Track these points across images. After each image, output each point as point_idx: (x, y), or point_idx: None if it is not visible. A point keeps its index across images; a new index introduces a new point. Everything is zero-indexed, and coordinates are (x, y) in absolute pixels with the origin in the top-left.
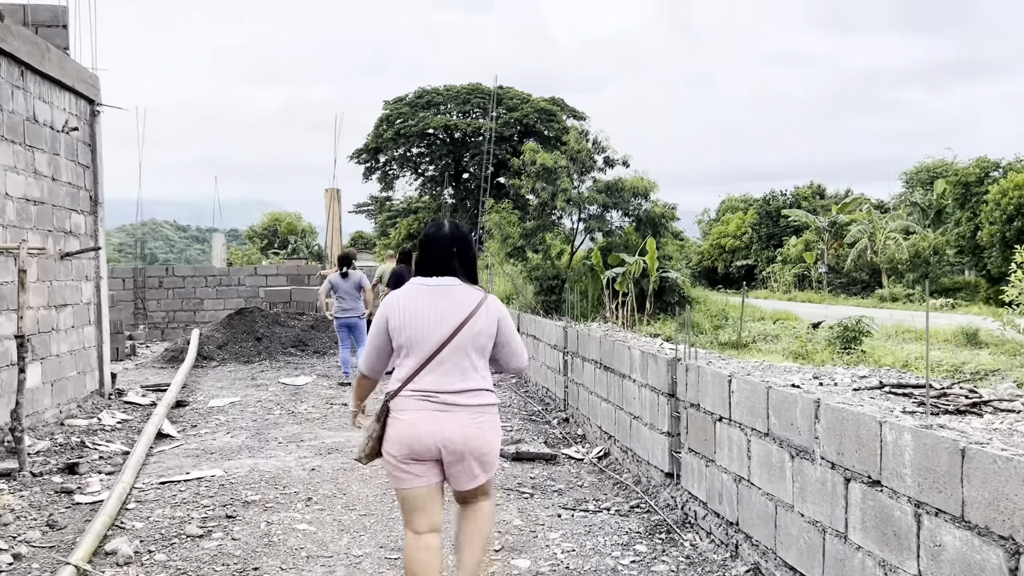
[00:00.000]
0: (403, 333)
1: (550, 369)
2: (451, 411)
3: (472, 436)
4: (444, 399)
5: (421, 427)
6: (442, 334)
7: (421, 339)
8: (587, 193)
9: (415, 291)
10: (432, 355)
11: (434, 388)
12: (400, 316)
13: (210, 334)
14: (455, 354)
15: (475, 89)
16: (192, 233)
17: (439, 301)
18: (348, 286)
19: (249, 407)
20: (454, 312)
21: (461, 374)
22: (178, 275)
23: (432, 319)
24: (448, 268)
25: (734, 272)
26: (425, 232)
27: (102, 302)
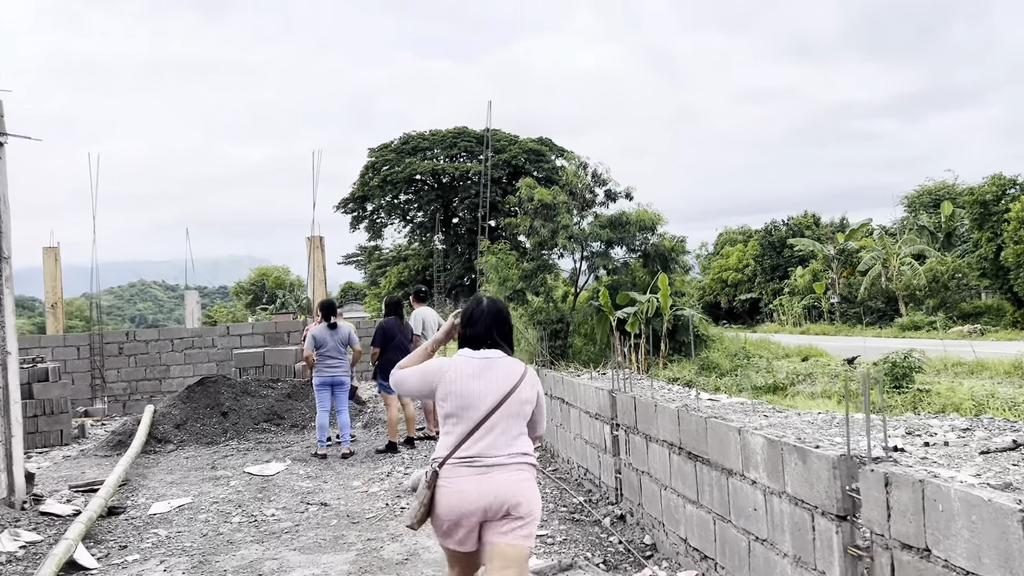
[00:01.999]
0: (451, 401)
1: (590, 445)
2: (494, 470)
3: (517, 491)
4: (488, 462)
5: (469, 492)
6: (491, 402)
7: (470, 407)
8: (589, 229)
9: (464, 362)
10: (481, 422)
11: (482, 453)
12: (449, 386)
13: (166, 410)
14: (503, 421)
15: (461, 132)
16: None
17: (486, 372)
18: (335, 341)
19: (201, 513)
20: (502, 382)
21: (508, 440)
22: (140, 339)
23: (481, 388)
24: (491, 341)
25: (738, 306)
26: (467, 308)
27: (9, 384)
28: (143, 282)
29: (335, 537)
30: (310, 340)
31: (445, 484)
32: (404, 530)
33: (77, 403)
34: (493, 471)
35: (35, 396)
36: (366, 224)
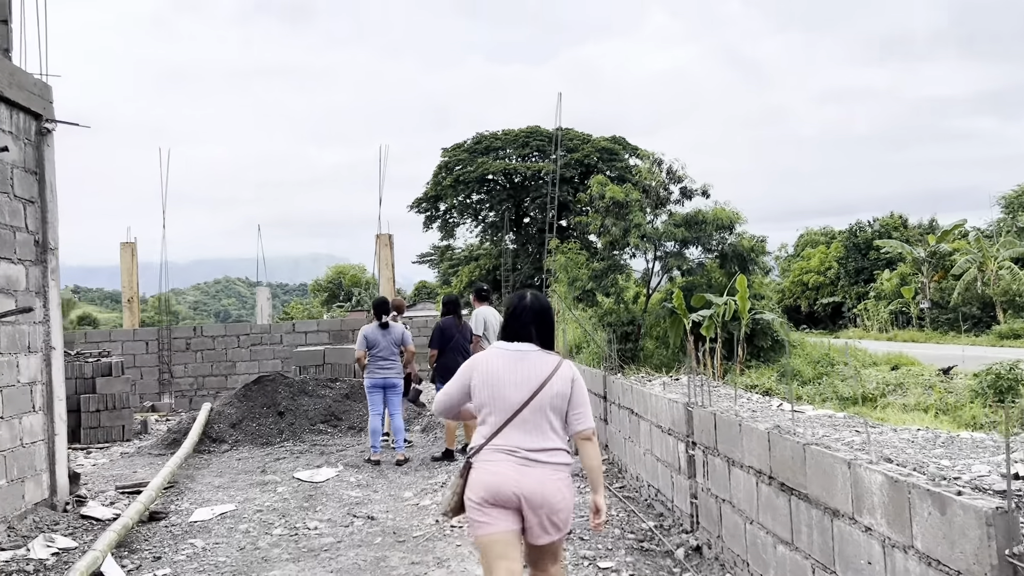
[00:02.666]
0: (484, 392)
1: (662, 463)
2: (532, 466)
3: (550, 492)
4: (525, 455)
5: (503, 476)
6: (523, 395)
7: (502, 399)
8: (663, 227)
9: (497, 354)
10: (514, 414)
11: (518, 445)
12: (482, 376)
13: (222, 409)
14: (535, 415)
15: (534, 131)
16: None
17: (518, 364)
18: (387, 342)
19: (243, 522)
20: (533, 375)
21: (541, 433)
22: (207, 335)
23: (512, 380)
24: (527, 335)
25: (819, 311)
26: (509, 302)
27: (53, 381)
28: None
29: (376, 559)
30: (361, 340)
31: (483, 466)
32: (452, 553)
33: (145, 398)
34: (531, 467)
35: (98, 391)
36: (439, 224)
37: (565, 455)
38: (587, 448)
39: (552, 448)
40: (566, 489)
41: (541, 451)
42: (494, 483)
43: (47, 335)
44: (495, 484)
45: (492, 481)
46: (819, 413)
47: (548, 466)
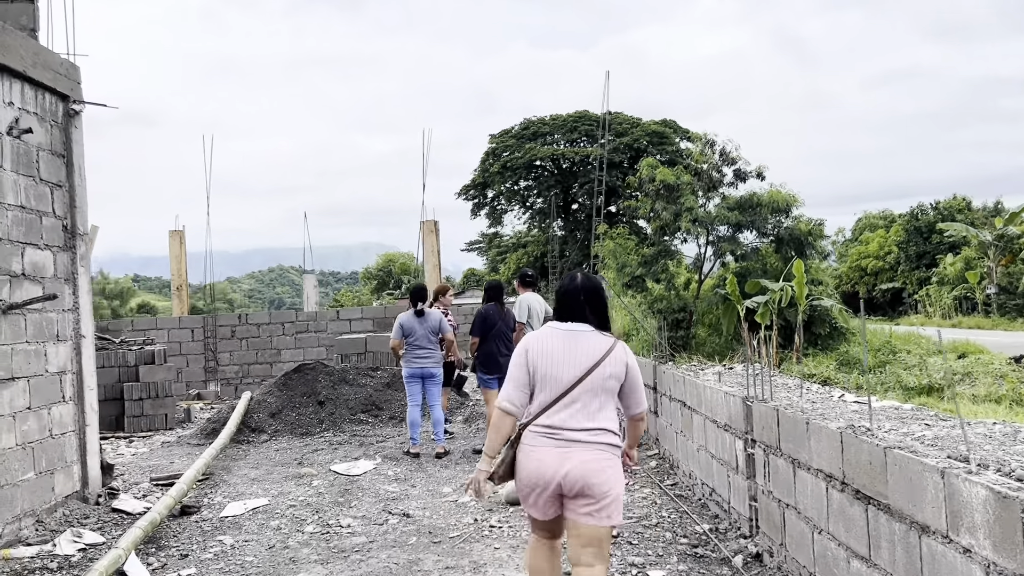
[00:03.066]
0: (538, 371)
1: (718, 461)
2: (573, 447)
3: (595, 471)
4: (569, 436)
5: (545, 463)
6: (574, 375)
7: (553, 378)
8: (716, 211)
9: (550, 333)
10: (563, 393)
11: (561, 425)
12: (535, 354)
13: (262, 398)
14: (585, 395)
15: (582, 116)
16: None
17: (571, 344)
18: (424, 330)
19: (275, 518)
20: (586, 355)
21: (590, 414)
22: (252, 323)
23: (564, 360)
24: (580, 315)
25: (878, 296)
26: (561, 283)
27: (84, 369)
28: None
29: (409, 563)
30: (396, 328)
31: (527, 451)
32: (490, 557)
33: (191, 386)
34: (573, 448)
35: (141, 379)
36: (487, 211)
37: (614, 437)
38: (638, 427)
39: (600, 428)
40: (612, 471)
41: (587, 431)
42: (536, 471)
43: (77, 323)
44: (537, 472)
45: (534, 469)
46: (884, 404)
47: (593, 446)
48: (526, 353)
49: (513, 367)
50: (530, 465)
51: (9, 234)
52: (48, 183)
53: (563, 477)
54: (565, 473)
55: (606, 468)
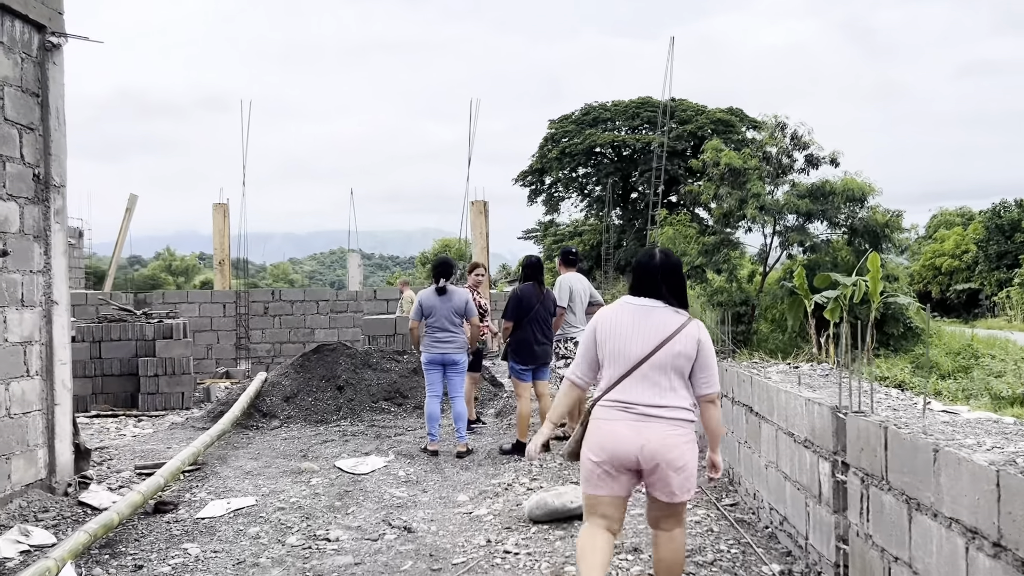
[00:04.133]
0: (606, 345)
1: (792, 483)
2: (649, 422)
3: (670, 446)
4: (642, 410)
5: (621, 435)
6: (643, 350)
7: (622, 353)
8: (784, 199)
9: (622, 308)
10: (632, 369)
11: (635, 400)
12: (605, 331)
13: (277, 380)
14: (654, 371)
15: (644, 103)
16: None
17: (643, 320)
18: (446, 309)
19: (257, 522)
20: (655, 331)
21: (659, 391)
22: (286, 299)
23: (633, 335)
24: (655, 291)
25: (952, 297)
26: (638, 258)
27: (55, 340)
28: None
29: None
30: (415, 307)
31: (600, 424)
32: None
33: (221, 363)
34: (649, 422)
35: (157, 354)
36: (543, 198)
37: (687, 413)
38: (711, 411)
39: (672, 405)
40: (686, 446)
41: (660, 407)
42: (611, 444)
43: (48, 287)
44: (612, 445)
45: (609, 443)
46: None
47: (668, 422)
48: (595, 329)
49: (585, 341)
50: (603, 437)
51: None
52: (15, 124)
53: (639, 451)
54: (641, 447)
55: (681, 444)
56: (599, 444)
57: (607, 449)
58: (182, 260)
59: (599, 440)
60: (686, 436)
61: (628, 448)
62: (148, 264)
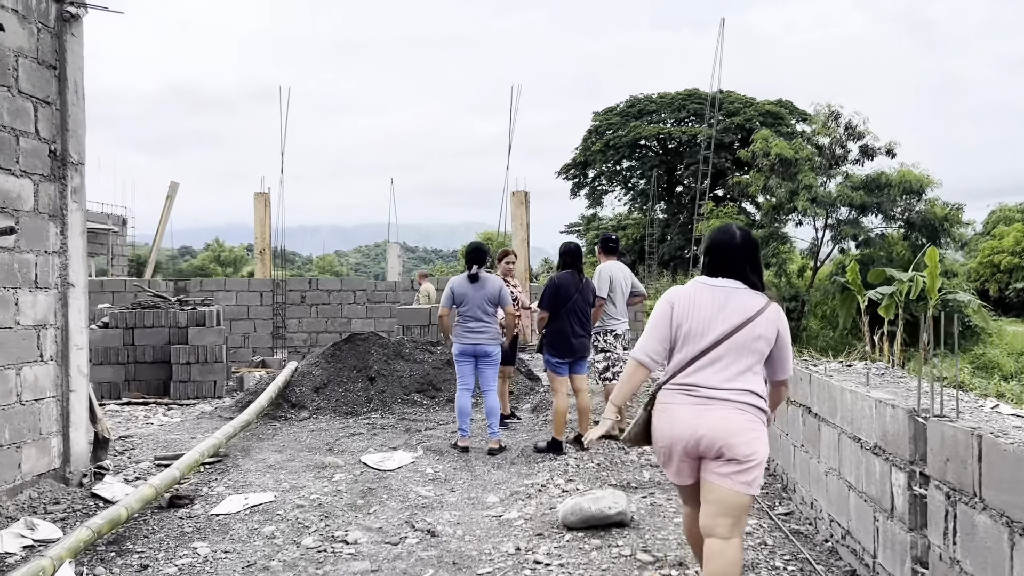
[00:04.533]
0: (683, 325)
1: (857, 494)
2: (713, 404)
3: (732, 430)
4: (707, 392)
5: (681, 422)
6: (720, 332)
7: (699, 334)
8: (837, 191)
9: (699, 288)
10: (706, 350)
11: (701, 382)
12: (682, 309)
13: (308, 369)
14: (731, 353)
15: (691, 95)
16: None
17: (722, 299)
18: (479, 298)
19: (273, 520)
20: (735, 312)
21: (733, 375)
22: (323, 289)
23: (712, 316)
24: (735, 271)
25: (1011, 296)
26: (714, 236)
27: (70, 325)
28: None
29: None
30: (446, 294)
31: (662, 409)
32: None
33: (257, 352)
34: (712, 405)
35: (190, 342)
36: (586, 191)
37: (758, 400)
38: (780, 391)
39: (741, 389)
40: (753, 434)
41: (728, 390)
42: (671, 432)
43: (64, 268)
44: (672, 433)
45: (667, 426)
46: None
47: (734, 404)
48: (672, 306)
49: (656, 319)
50: (663, 423)
51: None
52: (30, 97)
53: (699, 435)
54: (701, 431)
55: (747, 429)
56: (659, 431)
57: (668, 435)
58: (230, 251)
59: (660, 426)
60: (754, 423)
61: (686, 432)
62: (198, 255)
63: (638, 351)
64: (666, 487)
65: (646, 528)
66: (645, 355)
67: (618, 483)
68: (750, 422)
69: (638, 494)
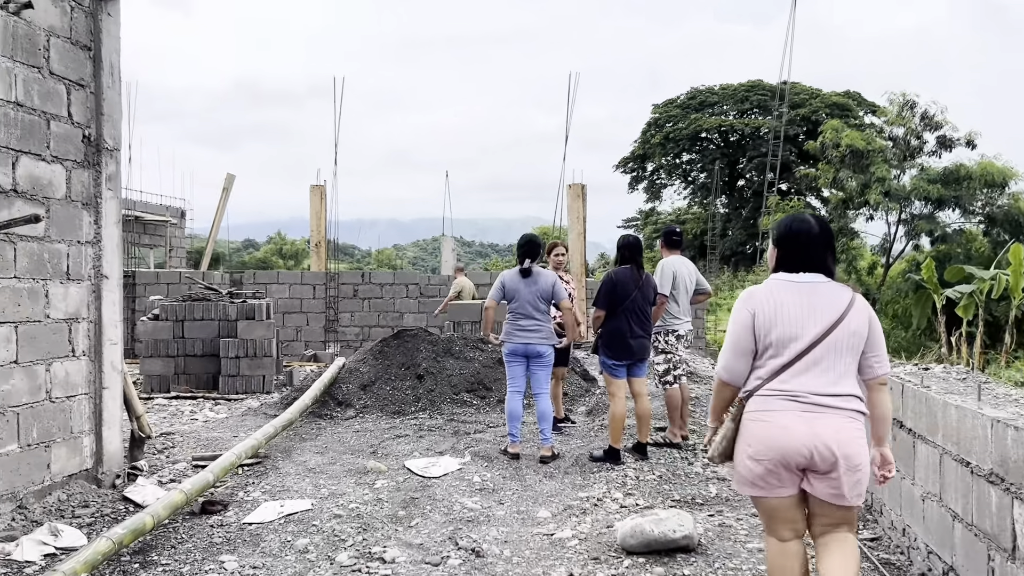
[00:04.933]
0: (772, 332)
1: (964, 525)
2: (824, 413)
3: (846, 441)
4: (815, 400)
5: (795, 430)
6: (815, 332)
7: (792, 338)
8: (912, 184)
9: (779, 287)
10: (803, 352)
11: (805, 389)
12: (766, 315)
13: (355, 366)
14: (829, 355)
15: (755, 86)
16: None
17: (809, 298)
18: (531, 294)
19: (308, 532)
20: (828, 309)
21: (834, 377)
22: (375, 282)
23: (803, 316)
24: (816, 263)
25: None
26: (787, 225)
27: (104, 318)
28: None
29: None
30: (496, 288)
31: (762, 418)
32: None
33: (310, 345)
34: (824, 414)
35: (239, 335)
36: (644, 185)
37: (861, 404)
38: (882, 395)
39: (846, 394)
40: (862, 443)
41: (834, 396)
42: (780, 440)
43: (97, 259)
44: (781, 441)
45: (778, 437)
46: None
47: (844, 413)
48: (753, 314)
49: (737, 331)
50: (771, 433)
51: None
52: (63, 79)
53: (813, 447)
54: (818, 443)
55: (858, 439)
56: (764, 441)
57: (775, 447)
58: (292, 244)
59: (763, 437)
60: (861, 431)
61: (800, 445)
62: (261, 248)
63: (721, 369)
64: (735, 504)
65: (715, 554)
66: (728, 373)
67: (681, 498)
68: (858, 431)
69: (704, 512)
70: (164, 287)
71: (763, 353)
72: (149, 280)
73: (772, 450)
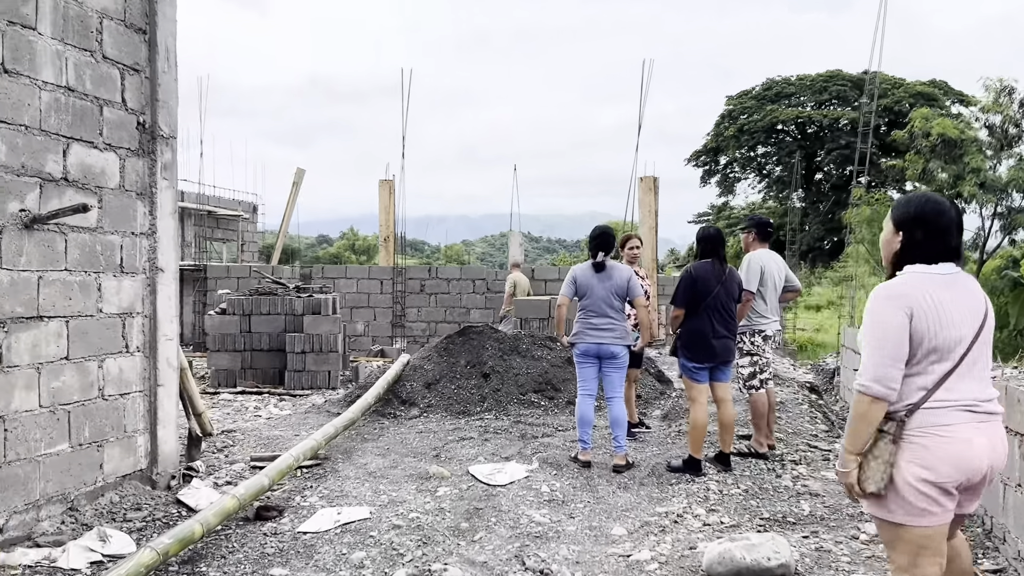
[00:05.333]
0: (938, 335)
1: None
2: (991, 421)
3: (1003, 454)
4: (984, 408)
5: (977, 443)
6: (970, 331)
7: (957, 340)
8: (1010, 174)
9: (930, 281)
10: (963, 356)
11: (971, 397)
12: (926, 313)
13: (419, 364)
14: (982, 355)
15: (834, 76)
16: (543, 244)
17: (956, 293)
18: (605, 289)
19: (365, 544)
20: (973, 303)
21: (988, 380)
22: (442, 277)
23: (959, 315)
24: (951, 252)
25: None
26: (919, 207)
27: (159, 313)
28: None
29: None
30: (567, 283)
31: (942, 432)
32: None
33: (377, 341)
34: (991, 421)
35: (305, 330)
36: (717, 179)
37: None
38: None
39: (996, 397)
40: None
41: (991, 401)
42: (966, 456)
43: (152, 252)
44: (968, 458)
45: (963, 454)
46: None
47: (999, 418)
48: (910, 314)
49: (889, 334)
50: (956, 450)
51: (42, 122)
52: (116, 64)
53: (993, 462)
54: (995, 456)
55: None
56: (948, 461)
57: (962, 466)
58: (364, 240)
59: (947, 456)
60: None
61: (982, 460)
62: (334, 243)
63: (872, 383)
64: (832, 525)
65: None
66: (881, 385)
67: (770, 516)
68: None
69: (797, 533)
70: (234, 281)
71: (923, 359)
72: (219, 274)
73: (959, 470)
